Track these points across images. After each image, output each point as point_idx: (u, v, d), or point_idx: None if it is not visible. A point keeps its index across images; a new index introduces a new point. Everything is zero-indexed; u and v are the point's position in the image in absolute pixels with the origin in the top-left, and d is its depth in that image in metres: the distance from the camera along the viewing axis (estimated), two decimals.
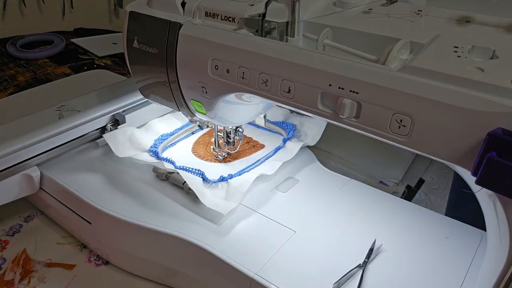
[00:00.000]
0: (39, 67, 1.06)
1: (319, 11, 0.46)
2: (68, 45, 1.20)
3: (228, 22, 0.47)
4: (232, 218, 0.56)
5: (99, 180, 0.62)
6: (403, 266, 0.50)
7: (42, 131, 0.62)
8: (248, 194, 0.59)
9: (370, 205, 0.59)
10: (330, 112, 0.40)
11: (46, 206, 0.66)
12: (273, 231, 0.54)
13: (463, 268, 0.49)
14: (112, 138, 0.65)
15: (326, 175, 0.66)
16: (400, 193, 0.69)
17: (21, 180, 0.61)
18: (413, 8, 0.46)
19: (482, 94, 0.31)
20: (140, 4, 0.55)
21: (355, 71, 0.37)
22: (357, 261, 0.49)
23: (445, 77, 0.33)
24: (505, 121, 0.30)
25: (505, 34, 0.39)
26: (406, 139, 0.35)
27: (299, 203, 0.59)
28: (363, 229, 0.54)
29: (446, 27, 0.41)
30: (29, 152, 0.61)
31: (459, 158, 0.33)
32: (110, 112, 0.69)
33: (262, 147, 0.69)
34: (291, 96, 0.41)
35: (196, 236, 0.52)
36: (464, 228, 0.55)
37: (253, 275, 0.47)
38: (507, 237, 0.34)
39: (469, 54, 0.36)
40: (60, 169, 0.64)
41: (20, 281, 0.55)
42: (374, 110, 0.36)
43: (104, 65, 1.10)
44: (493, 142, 0.30)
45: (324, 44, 0.43)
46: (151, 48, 0.52)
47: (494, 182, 0.30)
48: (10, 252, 0.60)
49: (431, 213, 0.58)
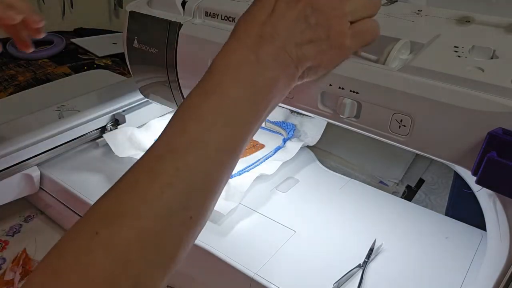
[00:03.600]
0: (39, 67, 1.06)
1: None
2: (68, 45, 1.20)
3: (228, 22, 0.47)
4: (232, 218, 0.56)
5: (99, 180, 0.62)
6: (403, 266, 0.50)
7: (42, 131, 0.62)
8: (248, 194, 0.59)
9: (370, 205, 0.59)
10: (330, 112, 0.40)
11: (46, 206, 0.66)
12: (273, 231, 0.54)
13: (463, 268, 0.49)
14: (112, 138, 0.65)
15: (326, 175, 0.66)
16: (400, 193, 0.69)
17: (21, 180, 0.61)
18: (413, 8, 0.46)
19: (482, 94, 0.31)
20: (140, 4, 0.55)
21: (355, 71, 0.37)
22: (357, 261, 0.49)
23: (445, 77, 0.33)
24: (505, 121, 0.30)
25: (505, 34, 0.39)
26: (406, 139, 0.35)
27: (299, 203, 0.59)
28: (363, 229, 0.54)
29: (446, 27, 0.41)
30: (29, 152, 0.61)
31: (459, 158, 0.33)
32: (110, 112, 0.69)
33: (262, 147, 0.69)
34: (291, 96, 0.41)
35: None
36: (464, 228, 0.55)
37: (253, 275, 0.47)
38: (507, 237, 0.34)
39: (469, 54, 0.36)
40: (60, 169, 0.64)
41: (20, 281, 0.55)
42: (374, 110, 0.36)
43: (104, 65, 1.10)
44: (493, 142, 0.30)
45: None
46: (151, 48, 0.52)
47: (494, 182, 0.30)
48: (10, 252, 0.60)
49: (431, 213, 0.58)
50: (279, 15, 0.35)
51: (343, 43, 0.36)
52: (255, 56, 0.34)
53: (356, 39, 0.37)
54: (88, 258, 0.27)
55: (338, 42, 0.36)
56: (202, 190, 0.32)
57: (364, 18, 0.37)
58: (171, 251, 0.31)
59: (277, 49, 0.35)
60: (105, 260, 0.27)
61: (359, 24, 0.37)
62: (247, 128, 0.34)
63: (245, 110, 0.34)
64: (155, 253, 0.29)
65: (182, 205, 0.30)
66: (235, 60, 0.34)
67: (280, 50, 0.35)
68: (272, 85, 0.35)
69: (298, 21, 0.35)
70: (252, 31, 0.35)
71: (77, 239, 0.29)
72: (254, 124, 0.35)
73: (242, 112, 0.34)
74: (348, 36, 0.36)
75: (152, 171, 0.31)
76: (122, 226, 0.28)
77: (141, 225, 0.29)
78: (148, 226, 0.29)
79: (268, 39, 0.34)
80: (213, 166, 0.32)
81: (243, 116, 0.34)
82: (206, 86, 0.34)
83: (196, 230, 0.33)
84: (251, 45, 0.34)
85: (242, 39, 0.35)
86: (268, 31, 0.35)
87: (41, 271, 0.28)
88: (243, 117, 0.34)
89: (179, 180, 0.30)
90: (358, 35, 0.37)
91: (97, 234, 0.28)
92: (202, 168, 0.32)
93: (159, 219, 0.29)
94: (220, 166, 0.33)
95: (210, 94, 0.33)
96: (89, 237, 0.28)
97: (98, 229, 0.28)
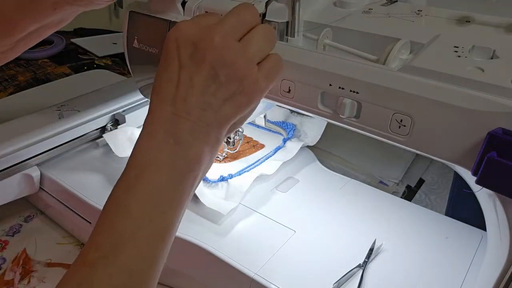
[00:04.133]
0: (39, 67, 1.06)
1: (319, 11, 0.46)
2: (68, 45, 1.20)
3: None
4: (232, 218, 0.56)
5: (99, 180, 0.62)
6: (403, 266, 0.50)
7: (42, 131, 0.62)
8: (248, 194, 0.59)
9: (370, 205, 0.59)
10: (330, 112, 0.40)
11: (46, 206, 0.66)
12: (273, 231, 0.54)
13: (463, 268, 0.49)
14: (112, 138, 0.65)
15: (326, 175, 0.66)
16: (400, 193, 0.69)
17: (21, 180, 0.61)
18: (413, 8, 0.46)
19: (482, 94, 0.31)
20: (140, 4, 0.55)
21: (355, 71, 0.37)
22: (357, 261, 0.49)
23: (445, 77, 0.33)
24: (505, 121, 0.30)
25: (505, 34, 0.39)
26: (406, 139, 0.35)
27: (299, 203, 0.59)
28: (363, 229, 0.54)
29: (446, 27, 0.41)
30: (29, 152, 0.61)
31: (459, 158, 0.33)
32: (110, 112, 0.69)
33: (262, 147, 0.69)
34: (291, 96, 0.41)
35: (196, 236, 0.52)
36: (464, 228, 0.55)
37: (253, 275, 0.47)
38: (507, 237, 0.34)
39: (469, 54, 0.36)
40: (60, 169, 0.64)
41: (20, 281, 0.55)
42: (374, 110, 0.36)
43: (104, 65, 1.10)
44: (493, 142, 0.30)
45: (324, 44, 0.43)
46: (151, 48, 0.52)
47: (494, 182, 0.30)
48: (10, 252, 0.60)
49: (431, 213, 0.58)
50: (187, 85, 0.34)
51: (258, 87, 0.36)
52: (173, 139, 0.33)
53: (269, 78, 0.36)
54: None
55: (253, 89, 0.36)
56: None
57: (268, 53, 0.37)
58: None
59: (193, 124, 0.34)
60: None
61: (267, 63, 0.37)
62: (176, 211, 0.34)
63: (171, 194, 0.33)
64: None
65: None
66: (155, 146, 0.34)
67: (198, 124, 0.34)
68: (195, 161, 0.34)
69: (207, 85, 0.34)
70: (165, 109, 0.34)
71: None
72: (183, 203, 0.35)
73: (168, 197, 0.33)
74: (261, 79, 0.36)
75: (87, 282, 0.30)
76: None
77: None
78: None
79: (182, 115, 0.34)
80: (146, 262, 0.32)
81: (170, 201, 0.33)
82: (129, 178, 0.33)
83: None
84: (167, 127, 0.34)
85: (158, 120, 0.34)
86: (181, 108, 0.34)
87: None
88: (170, 202, 0.33)
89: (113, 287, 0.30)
90: (270, 73, 0.37)
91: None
92: (135, 267, 0.31)
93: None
94: (152, 260, 0.33)
95: (133, 186, 0.33)
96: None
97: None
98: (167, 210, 0.33)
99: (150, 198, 0.32)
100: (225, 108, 0.35)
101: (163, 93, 0.35)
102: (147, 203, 0.32)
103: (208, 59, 0.34)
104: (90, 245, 0.32)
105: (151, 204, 0.32)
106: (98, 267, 0.30)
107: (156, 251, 0.33)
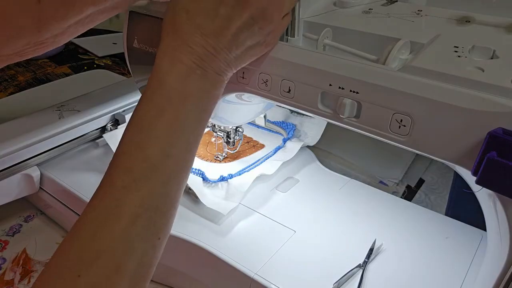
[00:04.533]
0: (39, 67, 1.06)
1: (319, 11, 0.46)
2: (68, 45, 1.20)
3: None
4: (232, 218, 0.56)
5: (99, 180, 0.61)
6: (403, 266, 0.50)
7: (42, 131, 0.62)
8: (248, 194, 0.59)
9: (370, 205, 0.59)
10: (330, 112, 0.40)
11: (46, 206, 0.66)
12: (273, 231, 0.54)
13: (463, 268, 0.49)
14: (112, 138, 0.65)
15: (326, 175, 0.66)
16: (400, 193, 0.69)
17: (21, 180, 0.61)
18: (413, 8, 0.46)
19: (482, 94, 0.31)
20: (140, 4, 0.55)
21: (355, 71, 0.37)
22: (357, 261, 0.49)
23: (445, 77, 0.33)
24: (505, 121, 0.30)
25: (505, 34, 0.39)
26: (406, 139, 0.35)
27: (299, 203, 0.59)
28: (363, 229, 0.54)
29: (446, 27, 0.41)
30: (29, 152, 0.61)
31: (459, 158, 0.33)
32: (110, 112, 0.69)
33: (262, 147, 0.69)
34: (291, 96, 0.41)
35: (196, 236, 0.52)
36: (464, 228, 0.55)
37: (253, 275, 0.47)
38: (507, 237, 0.34)
39: (469, 54, 0.36)
40: (60, 169, 0.64)
41: (20, 281, 0.55)
42: (374, 110, 0.36)
43: (104, 65, 1.10)
44: (493, 142, 0.30)
45: (324, 44, 0.43)
46: (151, 48, 0.52)
47: (494, 182, 0.30)
48: (10, 252, 0.60)
49: (431, 213, 0.58)
50: (223, 26, 0.35)
51: (276, 42, 0.39)
52: (201, 72, 0.35)
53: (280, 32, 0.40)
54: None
55: (273, 43, 0.39)
56: (165, 212, 0.33)
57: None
58: (145, 273, 0.32)
59: (219, 63, 0.35)
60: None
61: (284, 20, 0.39)
62: (196, 142, 0.36)
63: (194, 124, 0.35)
64: (132, 282, 0.31)
65: (151, 231, 0.32)
66: (185, 73, 0.34)
67: (222, 63, 0.35)
68: (216, 97, 0.37)
69: (241, 31, 0.35)
70: (195, 39, 0.34)
71: (59, 282, 0.29)
72: (200, 136, 0.36)
73: (191, 127, 0.35)
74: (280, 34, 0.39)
75: (120, 205, 0.31)
76: (101, 267, 0.29)
77: (117, 262, 0.30)
78: (123, 261, 0.30)
79: (211, 51, 0.35)
80: (173, 186, 0.34)
81: (193, 130, 0.35)
82: (158, 100, 0.34)
83: (162, 247, 0.34)
84: (194, 59, 0.34)
85: (185, 49, 0.34)
86: (212, 44, 0.34)
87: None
88: (192, 131, 0.35)
89: (144, 210, 0.31)
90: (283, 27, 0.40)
91: (79, 277, 0.29)
92: (164, 191, 0.33)
93: (133, 251, 0.31)
94: (178, 184, 0.34)
95: (163, 111, 0.34)
96: (72, 280, 0.29)
97: (80, 272, 0.29)
98: (192, 139, 0.35)
99: (178, 126, 0.34)
100: (245, 54, 0.37)
101: (197, 25, 0.34)
102: (175, 132, 0.34)
103: (254, 6, 0.35)
104: (116, 170, 0.33)
105: (180, 131, 0.34)
106: (130, 189, 0.32)
107: (181, 177, 0.34)
